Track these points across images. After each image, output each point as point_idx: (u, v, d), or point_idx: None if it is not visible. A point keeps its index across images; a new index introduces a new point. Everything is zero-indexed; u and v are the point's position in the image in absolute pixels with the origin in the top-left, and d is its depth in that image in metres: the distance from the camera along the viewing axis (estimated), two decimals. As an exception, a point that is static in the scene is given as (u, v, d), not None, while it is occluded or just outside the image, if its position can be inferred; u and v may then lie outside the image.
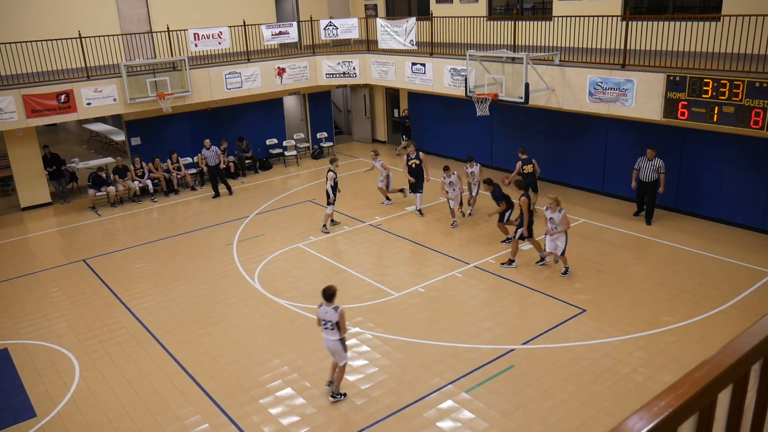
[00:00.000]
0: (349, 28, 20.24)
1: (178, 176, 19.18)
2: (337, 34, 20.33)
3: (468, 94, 15.86)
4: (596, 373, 9.07)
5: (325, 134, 22.86)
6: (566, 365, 9.33)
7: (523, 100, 14.58)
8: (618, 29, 14.10)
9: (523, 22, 16.89)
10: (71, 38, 16.92)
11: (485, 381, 9.04)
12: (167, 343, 10.52)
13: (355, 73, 20.55)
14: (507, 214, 13.63)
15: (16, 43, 16.25)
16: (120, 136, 23.68)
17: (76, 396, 9.24)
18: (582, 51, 14.88)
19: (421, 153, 15.94)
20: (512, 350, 9.79)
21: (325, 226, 15.08)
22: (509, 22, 16.58)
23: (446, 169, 14.67)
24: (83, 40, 17.04)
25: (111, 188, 18.04)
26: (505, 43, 16.75)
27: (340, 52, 21.04)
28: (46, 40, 16.63)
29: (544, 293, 11.55)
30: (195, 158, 19.69)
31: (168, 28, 18.34)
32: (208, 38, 18.65)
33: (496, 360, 9.55)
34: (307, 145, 22.86)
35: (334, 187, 14.70)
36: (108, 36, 17.74)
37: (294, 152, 21.91)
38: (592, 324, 10.42)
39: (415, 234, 14.67)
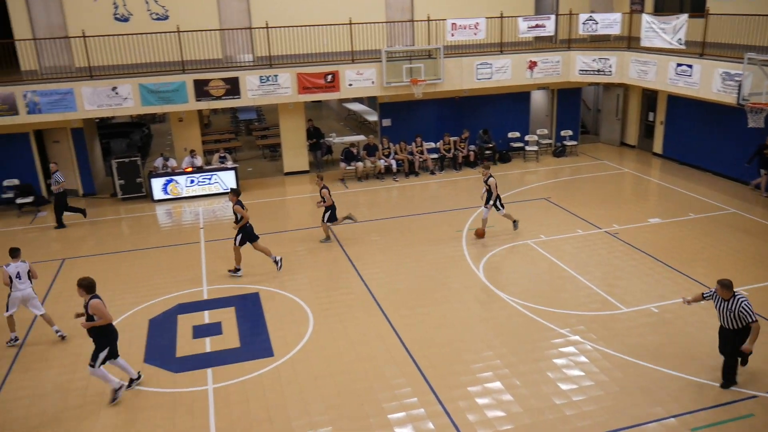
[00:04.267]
0: (610, 23, 19.22)
1: (420, 159, 20.02)
2: (596, 29, 19.43)
3: (740, 102, 14.14)
4: None
5: (570, 132, 22.10)
6: (823, 427, 7.98)
7: (810, 114, 12.60)
8: None
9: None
10: (342, 24, 18.50)
11: (716, 424, 8.11)
12: (390, 315, 11.15)
13: (610, 71, 19.49)
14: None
15: (294, 26, 18.22)
16: (373, 117, 25.37)
17: (308, 346, 10.25)
18: None
19: None
20: (754, 396, 8.63)
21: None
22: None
23: None
24: (352, 26, 18.54)
25: (359, 164, 19.50)
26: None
27: (597, 47, 20.09)
28: (319, 25, 18.40)
29: (806, 339, 9.96)
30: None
31: (428, 17, 19.13)
32: (465, 28, 19.07)
33: (733, 403, 8.50)
34: (549, 141, 22.31)
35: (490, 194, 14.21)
36: (374, 23, 19.09)
37: (535, 147, 21.55)
38: None
39: (656, 249, 13.57)
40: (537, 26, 19.50)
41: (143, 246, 14.84)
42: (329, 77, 18.32)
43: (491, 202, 14.20)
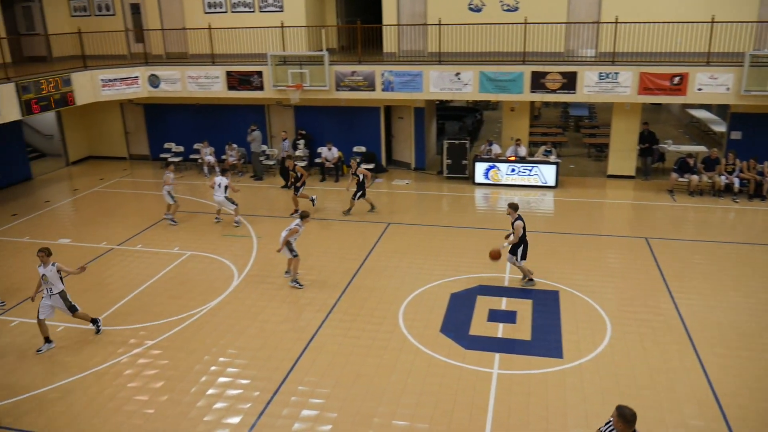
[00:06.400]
0: None
1: (771, 182, 17.31)
2: None
3: None
4: None
5: None
6: None
7: None
8: None
9: None
10: (702, 22, 16.73)
11: None
12: (701, 349, 9.97)
13: None
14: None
15: (645, 23, 17.07)
16: (720, 127, 22.72)
17: (600, 358, 9.77)
18: None
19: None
20: None
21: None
22: None
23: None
24: (713, 24, 16.66)
25: (694, 177, 17.66)
26: None
27: None
28: (675, 22, 16.92)
29: None
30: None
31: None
32: None
33: None
34: None
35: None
36: (742, 23, 16.88)
37: None
38: None
39: None
40: None
41: (457, 224, 15.72)
42: (676, 79, 16.85)
43: (506, 245, 11.97)
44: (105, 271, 13.37)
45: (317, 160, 20.35)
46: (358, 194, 16.31)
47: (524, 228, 11.90)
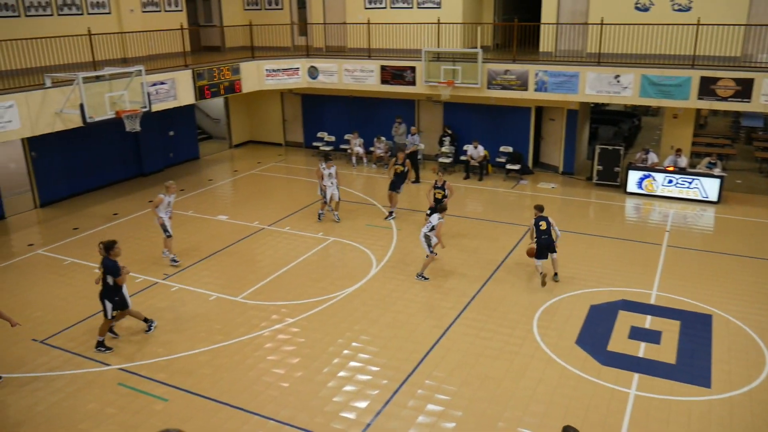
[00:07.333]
0: None
1: None
2: None
3: None
4: None
5: None
6: None
7: None
8: None
9: None
10: None
11: None
12: None
13: None
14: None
15: None
16: None
17: (754, 393, 8.91)
18: None
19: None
20: None
21: None
22: None
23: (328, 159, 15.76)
24: None
25: None
26: None
27: None
28: None
29: None
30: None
31: None
32: None
33: None
34: None
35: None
36: None
37: None
38: None
39: None
40: None
41: (603, 233, 15.00)
42: None
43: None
44: (255, 249, 14.28)
45: (462, 158, 20.29)
46: (401, 186, 16.01)
47: (536, 227, 12.23)
